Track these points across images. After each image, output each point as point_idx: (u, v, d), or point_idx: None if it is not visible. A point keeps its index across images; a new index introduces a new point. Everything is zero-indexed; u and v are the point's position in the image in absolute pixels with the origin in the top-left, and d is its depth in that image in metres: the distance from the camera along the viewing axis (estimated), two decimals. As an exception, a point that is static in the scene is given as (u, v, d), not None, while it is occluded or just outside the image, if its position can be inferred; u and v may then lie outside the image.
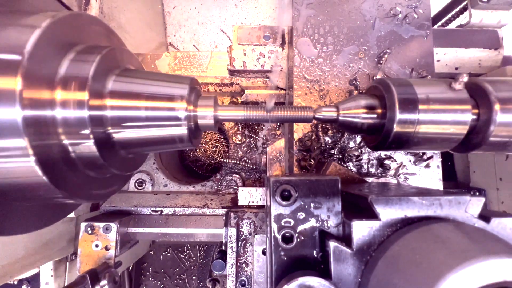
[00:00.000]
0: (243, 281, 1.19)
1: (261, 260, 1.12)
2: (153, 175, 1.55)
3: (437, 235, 0.56)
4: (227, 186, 1.53)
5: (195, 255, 2.65)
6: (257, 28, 1.37)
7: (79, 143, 0.74)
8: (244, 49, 1.35)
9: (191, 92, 0.85)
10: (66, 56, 0.73)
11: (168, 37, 1.92)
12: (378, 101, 0.86)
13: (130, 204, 1.38)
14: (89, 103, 0.72)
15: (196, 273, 2.63)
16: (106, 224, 1.19)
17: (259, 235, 1.14)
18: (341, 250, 0.64)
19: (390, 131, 0.80)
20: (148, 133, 0.83)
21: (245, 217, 1.22)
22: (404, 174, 1.13)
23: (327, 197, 0.73)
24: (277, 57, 1.34)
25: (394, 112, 0.78)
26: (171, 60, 1.46)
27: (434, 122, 0.78)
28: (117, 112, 0.79)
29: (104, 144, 0.78)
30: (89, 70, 0.73)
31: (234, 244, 1.21)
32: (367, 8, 1.21)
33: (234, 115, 0.90)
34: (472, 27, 1.44)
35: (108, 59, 0.81)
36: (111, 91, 0.79)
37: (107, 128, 0.79)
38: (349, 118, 0.87)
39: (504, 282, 0.45)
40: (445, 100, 0.79)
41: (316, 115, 0.90)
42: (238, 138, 1.57)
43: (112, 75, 0.82)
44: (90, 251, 1.18)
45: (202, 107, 0.86)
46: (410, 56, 1.18)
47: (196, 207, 1.38)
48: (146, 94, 0.81)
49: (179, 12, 1.91)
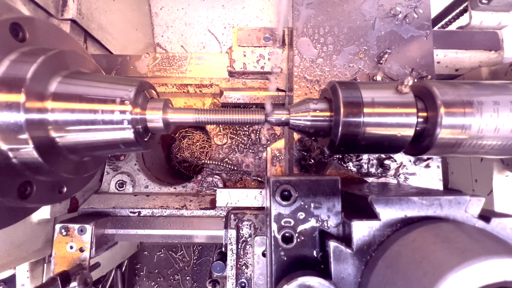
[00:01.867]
0: (243, 283, 1.19)
1: (261, 262, 1.12)
2: (134, 176, 1.53)
3: (437, 235, 0.56)
4: (208, 188, 1.52)
5: (189, 255, 2.66)
6: (257, 29, 1.37)
7: (18, 149, 0.70)
8: (244, 51, 1.35)
9: (137, 95, 0.83)
10: (7, 57, 0.70)
11: (155, 38, 1.92)
12: (328, 104, 0.86)
13: (108, 206, 1.38)
14: (25, 106, 0.68)
15: (190, 274, 2.63)
16: (81, 226, 1.18)
17: (259, 237, 1.14)
18: (341, 250, 0.64)
19: (336, 134, 0.80)
20: (94, 137, 0.80)
21: (245, 219, 1.22)
22: (404, 174, 1.13)
23: (327, 197, 0.73)
24: (276, 59, 1.34)
25: (339, 115, 0.78)
26: (150, 61, 1.46)
27: (379, 125, 0.78)
28: (60, 115, 0.76)
29: (48, 149, 0.75)
30: (28, 71, 0.70)
31: (234, 246, 1.20)
32: (367, 8, 1.21)
33: (184, 118, 0.89)
34: (472, 28, 1.44)
35: (55, 61, 0.78)
36: (54, 93, 0.76)
37: (50, 132, 0.75)
38: (298, 121, 0.87)
39: (504, 282, 0.45)
40: (390, 103, 0.79)
41: (268, 118, 0.90)
42: (220, 139, 1.56)
43: (57, 77, 0.79)
44: (64, 253, 1.17)
45: (151, 109, 0.85)
46: (410, 56, 1.18)
47: (175, 208, 1.37)
48: (90, 97, 0.78)
49: (166, 13, 1.91)
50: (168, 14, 1.91)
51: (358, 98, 0.78)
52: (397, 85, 0.80)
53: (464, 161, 1.54)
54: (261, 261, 1.12)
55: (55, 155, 0.79)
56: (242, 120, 0.91)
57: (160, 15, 1.91)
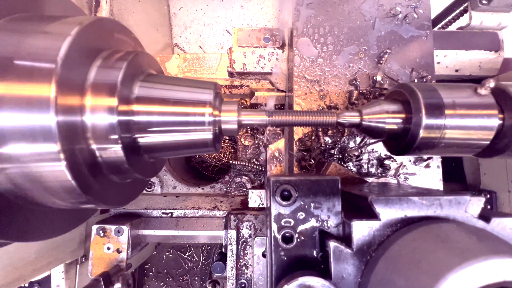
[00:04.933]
0: (243, 284, 1.19)
1: (261, 262, 1.12)
2: (162, 177, 1.55)
3: (437, 235, 0.56)
4: (236, 188, 1.53)
5: (198, 255, 2.66)
6: (257, 30, 1.37)
7: (107, 148, 0.74)
8: (244, 51, 1.35)
9: (215, 97, 0.85)
10: (94, 63, 0.74)
11: (173, 38, 1.91)
12: (402, 106, 0.85)
13: (140, 206, 1.38)
14: (118, 109, 0.73)
15: (199, 274, 2.63)
16: (117, 227, 1.18)
17: (259, 237, 1.13)
18: (341, 250, 0.64)
19: (415, 136, 0.79)
20: (173, 138, 0.84)
21: (245, 220, 1.22)
22: (404, 174, 1.13)
23: (327, 197, 0.73)
24: (277, 59, 1.34)
25: (420, 117, 0.77)
26: (180, 62, 1.46)
27: (461, 128, 0.78)
28: (144, 117, 0.80)
29: (130, 149, 0.79)
30: (118, 76, 0.74)
31: (234, 247, 1.20)
32: (367, 8, 1.21)
33: (257, 120, 0.90)
34: (472, 29, 1.44)
35: (133, 64, 0.81)
36: (137, 97, 0.80)
37: (134, 133, 0.80)
38: (373, 123, 0.86)
39: (504, 282, 0.45)
40: (471, 105, 0.78)
41: (339, 120, 0.89)
42: (247, 140, 1.57)
43: (137, 81, 0.82)
44: (102, 254, 1.18)
45: (226, 112, 0.87)
46: (410, 56, 1.18)
47: (206, 209, 1.37)
48: (172, 100, 0.81)
49: (185, 13, 1.91)
50: (186, 15, 1.90)
51: (438, 100, 0.78)
52: (476, 87, 0.79)
53: (498, 161, 1.52)
54: (261, 262, 1.12)
55: (135, 155, 0.83)
56: (314, 122, 0.90)
57: (179, 16, 1.90)
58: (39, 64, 0.62)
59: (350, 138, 1.14)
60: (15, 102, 0.60)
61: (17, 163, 0.63)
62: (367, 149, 1.14)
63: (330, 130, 1.14)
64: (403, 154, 0.88)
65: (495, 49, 1.42)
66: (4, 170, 0.64)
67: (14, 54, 0.63)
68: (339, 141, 1.14)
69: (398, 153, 0.91)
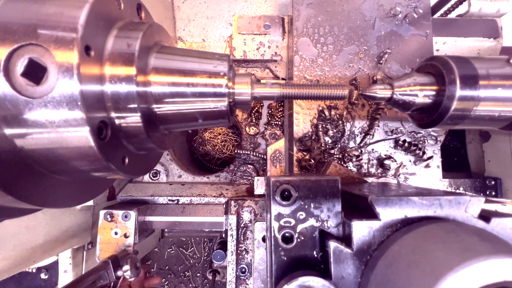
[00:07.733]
0: (243, 268, 1.19)
1: (261, 247, 1.12)
2: (167, 166, 1.57)
3: (437, 235, 0.56)
4: (241, 177, 1.54)
5: (200, 252, 2.66)
6: (257, 17, 1.37)
7: (126, 117, 0.76)
8: (244, 39, 1.35)
9: (230, 69, 0.86)
10: (110, 33, 0.75)
11: (177, 31, 1.91)
12: (434, 78, 0.85)
13: (146, 194, 1.39)
14: (136, 79, 0.73)
15: (200, 270, 2.63)
16: (125, 212, 1.19)
17: (259, 222, 1.13)
18: (341, 250, 0.64)
19: (448, 107, 0.79)
20: (190, 109, 0.85)
21: (245, 205, 1.22)
22: (404, 174, 1.13)
23: (327, 197, 0.73)
24: (277, 47, 1.33)
25: (454, 88, 0.76)
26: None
27: (494, 99, 0.77)
28: (161, 88, 0.81)
29: (148, 119, 0.80)
30: (135, 46, 0.74)
31: (234, 232, 1.20)
32: (367, 8, 1.21)
33: (270, 92, 0.92)
34: (471, 16, 1.42)
35: (148, 35, 0.82)
36: (154, 68, 0.81)
37: (151, 103, 0.81)
38: (405, 96, 0.86)
39: (504, 282, 0.45)
40: (505, 75, 0.77)
41: (368, 93, 0.90)
42: (252, 129, 1.58)
43: (152, 52, 0.83)
44: (109, 238, 1.18)
45: (240, 83, 0.88)
46: (410, 56, 1.18)
47: (212, 196, 1.38)
48: (189, 71, 0.83)
49: (188, 6, 1.91)
50: (190, 8, 1.90)
51: (473, 70, 0.77)
52: (508, 58, 0.79)
53: (504, 148, 1.51)
54: (261, 246, 1.12)
55: (152, 125, 0.84)
56: (325, 95, 0.91)
57: (182, 9, 1.90)
58: (61, 33, 0.62)
59: (350, 138, 1.15)
60: None
61: (41, 128, 0.64)
62: (367, 149, 1.14)
63: (330, 130, 1.14)
64: (432, 126, 0.88)
65: (493, 36, 1.41)
66: (29, 134, 0.64)
67: (37, 22, 0.62)
68: (339, 141, 1.14)
69: (427, 126, 0.91)
